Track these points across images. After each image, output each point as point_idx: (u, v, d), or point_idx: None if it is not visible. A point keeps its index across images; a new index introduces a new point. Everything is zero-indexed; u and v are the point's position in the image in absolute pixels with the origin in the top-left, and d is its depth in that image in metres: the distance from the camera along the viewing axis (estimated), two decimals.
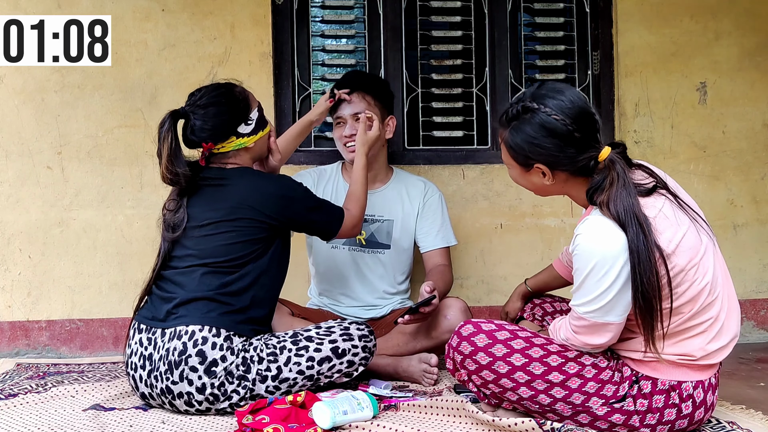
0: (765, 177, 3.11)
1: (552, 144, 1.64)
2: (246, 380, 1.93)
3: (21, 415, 1.93)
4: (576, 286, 1.67)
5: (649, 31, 3.07)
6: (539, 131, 1.64)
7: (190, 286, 1.98)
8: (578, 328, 1.69)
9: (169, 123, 2.00)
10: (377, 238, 2.62)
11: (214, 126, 2.04)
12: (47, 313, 2.87)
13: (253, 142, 2.11)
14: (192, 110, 2.05)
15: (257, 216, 2.01)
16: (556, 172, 1.68)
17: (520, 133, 1.67)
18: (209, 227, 2.01)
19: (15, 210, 2.86)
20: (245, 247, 2.00)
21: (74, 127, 2.88)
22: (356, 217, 2.25)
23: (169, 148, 1.98)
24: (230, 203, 2.01)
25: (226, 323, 1.94)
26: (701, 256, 1.64)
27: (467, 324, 1.77)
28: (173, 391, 1.91)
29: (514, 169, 1.77)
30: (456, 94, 3.10)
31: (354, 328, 2.08)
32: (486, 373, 1.72)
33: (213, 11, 2.92)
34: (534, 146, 1.65)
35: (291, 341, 2.01)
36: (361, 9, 3.09)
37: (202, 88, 2.10)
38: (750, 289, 3.09)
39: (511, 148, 1.70)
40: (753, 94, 3.11)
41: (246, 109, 2.10)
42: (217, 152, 2.07)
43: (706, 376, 1.69)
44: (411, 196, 2.66)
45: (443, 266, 2.59)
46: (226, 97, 2.07)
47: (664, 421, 1.67)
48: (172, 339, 1.92)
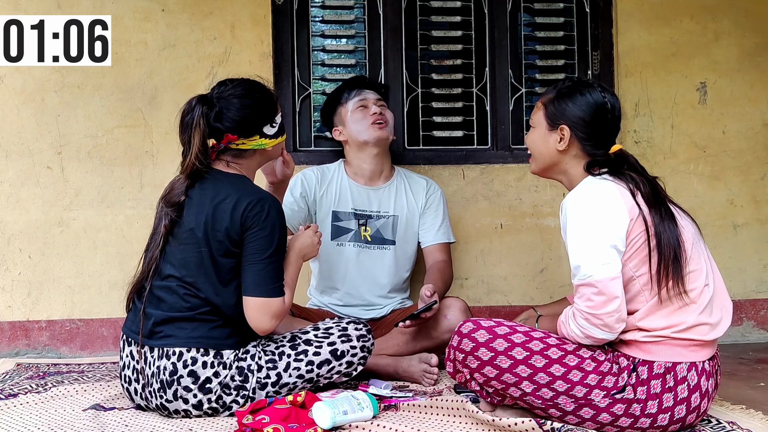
0: (765, 177, 3.11)
1: (589, 114, 1.84)
2: (245, 389, 1.91)
3: (21, 415, 1.93)
4: (573, 246, 1.72)
5: (649, 32, 3.07)
6: (585, 101, 1.85)
7: (170, 303, 1.91)
8: (585, 306, 1.68)
9: (200, 108, 1.93)
10: (383, 233, 2.63)
11: (243, 117, 1.97)
12: (47, 313, 2.87)
13: (272, 146, 2.05)
14: (223, 98, 1.97)
15: (228, 236, 1.90)
16: (573, 140, 1.85)
17: (568, 96, 1.86)
18: (189, 236, 1.92)
19: (15, 210, 2.86)
20: (223, 264, 1.91)
21: (74, 127, 2.88)
22: (288, 307, 1.98)
23: (202, 135, 1.91)
24: (210, 213, 1.91)
25: (213, 342, 1.89)
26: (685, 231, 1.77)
27: (467, 322, 1.80)
28: (169, 408, 1.89)
29: (538, 128, 1.91)
30: (456, 94, 3.10)
31: (352, 328, 2.07)
32: (488, 370, 1.74)
33: (213, 11, 2.92)
34: (574, 109, 1.84)
35: (289, 346, 1.99)
36: (361, 9, 3.09)
37: (234, 78, 2.04)
38: (750, 289, 3.09)
39: (551, 105, 1.88)
40: (753, 94, 3.11)
41: (274, 110, 2.05)
42: (235, 148, 1.99)
43: (698, 357, 1.72)
44: (414, 192, 2.68)
45: (443, 262, 2.61)
46: (259, 93, 2.02)
47: (663, 408, 1.69)
48: (161, 357, 1.88)
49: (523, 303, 2.93)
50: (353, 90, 2.64)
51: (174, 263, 1.93)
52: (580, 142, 1.85)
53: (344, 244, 2.61)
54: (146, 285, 1.94)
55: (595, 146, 1.85)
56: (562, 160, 1.88)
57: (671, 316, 1.71)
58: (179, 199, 1.95)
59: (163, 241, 1.95)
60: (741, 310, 3.07)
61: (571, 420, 1.73)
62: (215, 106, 1.97)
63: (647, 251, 1.71)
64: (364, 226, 2.63)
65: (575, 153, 1.86)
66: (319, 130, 3.09)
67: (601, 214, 1.71)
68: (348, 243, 2.61)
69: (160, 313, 1.91)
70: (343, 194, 2.62)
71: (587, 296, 1.69)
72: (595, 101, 1.84)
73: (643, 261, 1.72)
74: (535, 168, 1.96)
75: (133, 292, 1.99)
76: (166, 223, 1.95)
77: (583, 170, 1.85)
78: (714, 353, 1.78)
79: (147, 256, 1.99)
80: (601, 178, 1.79)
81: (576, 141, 1.85)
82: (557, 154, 1.87)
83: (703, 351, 1.74)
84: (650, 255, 1.70)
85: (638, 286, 1.72)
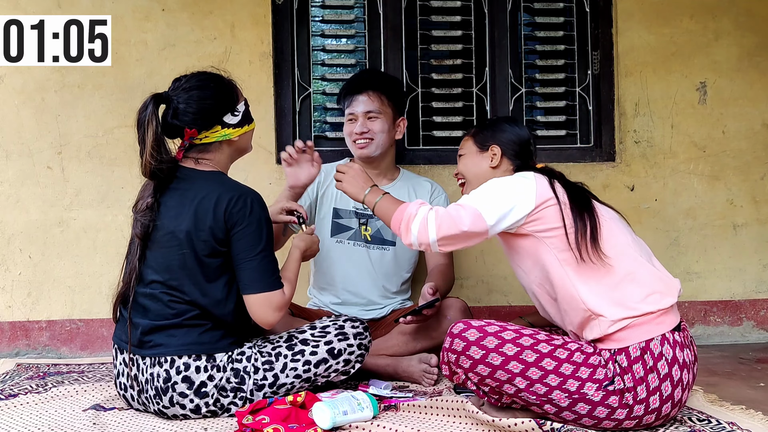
0: (765, 177, 3.11)
1: (515, 138, 2.08)
2: (242, 391, 1.90)
3: (21, 416, 1.93)
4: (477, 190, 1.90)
5: (649, 31, 3.07)
6: (509, 129, 2.10)
7: (156, 310, 1.88)
8: (443, 212, 1.86)
9: (152, 106, 1.88)
10: (383, 234, 2.63)
11: (200, 110, 1.91)
12: (47, 313, 2.87)
13: (237, 136, 1.98)
14: (176, 94, 1.92)
15: (213, 235, 1.87)
16: (504, 157, 2.06)
17: (493, 127, 2.11)
18: (170, 239, 1.88)
19: (15, 210, 2.86)
20: (209, 264, 1.88)
21: (74, 127, 2.88)
22: (289, 298, 1.97)
23: (154, 132, 1.85)
24: (191, 213, 1.87)
25: (204, 347, 1.87)
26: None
27: (458, 323, 1.83)
28: (167, 414, 1.89)
29: (468, 155, 2.11)
30: (456, 94, 3.10)
31: (349, 326, 2.06)
32: (481, 368, 1.76)
33: (213, 11, 2.92)
34: (502, 133, 2.09)
35: (286, 346, 1.98)
36: (361, 9, 3.09)
37: (187, 74, 1.98)
38: (750, 289, 3.09)
39: (480, 135, 2.11)
40: (752, 94, 3.11)
41: (233, 98, 1.98)
42: (199, 143, 1.94)
43: (664, 328, 1.76)
44: (418, 194, 2.68)
45: (444, 265, 2.61)
46: (213, 82, 1.96)
47: (651, 389, 1.71)
48: (153, 365, 1.86)
49: (523, 303, 2.93)
50: (348, 97, 2.61)
51: (156, 268, 1.90)
52: (510, 159, 2.06)
53: (343, 241, 2.61)
54: (129, 293, 1.90)
55: (526, 154, 2.07)
56: (495, 176, 1.99)
57: (616, 290, 1.77)
58: (147, 203, 1.91)
59: (141, 248, 1.91)
60: (741, 310, 3.08)
61: (568, 416, 1.74)
62: (171, 103, 1.92)
63: (562, 223, 1.82)
64: (364, 225, 2.63)
65: (506, 168, 2.06)
66: (319, 129, 3.09)
67: (512, 185, 1.87)
68: (348, 241, 2.62)
69: (147, 322, 1.88)
70: (342, 195, 2.62)
71: (455, 211, 1.84)
72: (515, 125, 2.11)
73: (559, 236, 1.82)
74: (470, 191, 2.00)
75: (117, 301, 1.96)
76: (138, 230, 1.91)
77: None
78: (679, 322, 1.81)
79: (127, 264, 1.95)
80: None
81: (506, 158, 2.06)
82: (490, 171, 2.06)
83: (666, 318, 1.78)
84: (565, 222, 1.82)
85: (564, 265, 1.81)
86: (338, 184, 2.09)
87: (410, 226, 1.87)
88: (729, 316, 3.07)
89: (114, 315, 1.97)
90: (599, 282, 1.79)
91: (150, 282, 1.90)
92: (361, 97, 2.58)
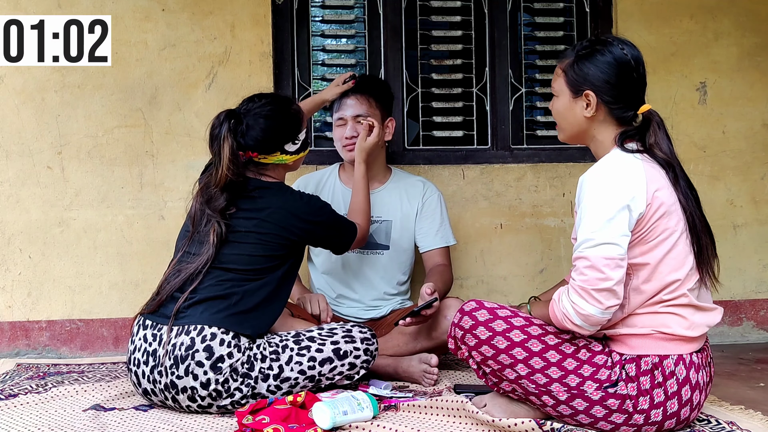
0: (765, 177, 3.11)
1: (613, 75, 1.77)
2: (249, 378, 1.94)
3: (21, 416, 1.93)
4: (583, 219, 1.69)
5: (649, 31, 3.06)
6: (607, 61, 1.78)
7: (205, 286, 1.99)
8: (581, 280, 1.66)
9: (228, 124, 2.05)
10: (375, 239, 2.62)
11: (265, 138, 2.10)
12: (47, 313, 2.87)
13: (293, 161, 2.19)
14: (247, 116, 2.10)
15: (283, 233, 2.07)
16: (601, 105, 1.79)
17: (587, 59, 1.79)
18: (237, 235, 2.05)
19: (15, 210, 2.86)
20: (266, 260, 2.05)
21: (74, 127, 2.88)
22: (365, 230, 2.36)
23: (230, 148, 2.03)
24: (261, 216, 2.07)
25: (234, 324, 1.95)
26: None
27: (470, 301, 1.83)
28: (177, 386, 1.91)
29: (562, 97, 1.85)
30: (456, 94, 3.10)
31: (356, 331, 2.10)
32: (485, 349, 1.76)
33: (213, 11, 2.92)
34: (597, 72, 1.78)
35: (293, 341, 2.03)
36: (361, 9, 3.09)
37: (262, 95, 2.17)
38: (750, 289, 3.09)
39: (571, 71, 1.82)
40: (752, 94, 3.11)
41: (297, 129, 2.18)
42: (257, 161, 2.13)
43: (684, 350, 1.72)
44: (410, 196, 2.66)
45: (443, 266, 2.60)
46: (283, 114, 2.14)
47: (655, 403, 1.69)
48: (179, 335, 1.93)
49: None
50: (337, 101, 2.60)
51: (222, 260, 2.02)
52: (608, 106, 1.79)
53: None
54: (195, 280, 2.00)
55: (623, 108, 1.79)
56: (591, 127, 1.83)
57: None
58: (228, 210, 2.06)
59: (216, 245, 2.02)
60: (741, 310, 3.08)
61: (565, 411, 1.73)
62: (240, 124, 2.09)
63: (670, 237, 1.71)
64: None
65: (603, 118, 1.81)
66: (319, 129, 3.09)
67: (618, 191, 1.67)
68: None
69: (197, 293, 1.99)
70: (335, 199, 2.61)
71: (580, 270, 1.67)
72: (617, 60, 1.77)
73: (654, 246, 1.71)
74: (563, 137, 1.92)
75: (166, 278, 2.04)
76: (218, 229, 2.03)
77: (612, 139, 1.81)
78: (703, 345, 1.79)
79: (196, 257, 2.03)
80: (629, 155, 1.75)
81: (603, 105, 1.79)
82: (585, 121, 1.82)
83: (690, 344, 1.73)
84: (690, 240, 1.75)
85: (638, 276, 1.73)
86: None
87: (574, 322, 1.68)
88: (729, 316, 3.07)
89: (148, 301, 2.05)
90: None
91: (216, 268, 2.01)
92: (349, 100, 2.57)
